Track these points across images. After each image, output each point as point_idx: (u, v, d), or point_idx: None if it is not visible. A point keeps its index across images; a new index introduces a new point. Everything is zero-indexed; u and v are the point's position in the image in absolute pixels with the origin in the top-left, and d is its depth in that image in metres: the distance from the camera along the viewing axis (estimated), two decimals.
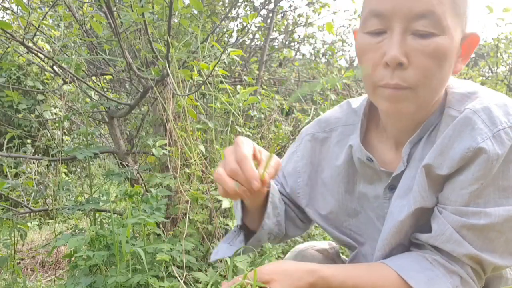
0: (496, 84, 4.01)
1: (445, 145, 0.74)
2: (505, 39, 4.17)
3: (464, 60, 0.77)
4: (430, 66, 0.71)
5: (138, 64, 2.28)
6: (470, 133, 0.72)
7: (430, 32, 0.69)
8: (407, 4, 0.69)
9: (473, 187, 0.72)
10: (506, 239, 0.73)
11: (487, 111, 0.73)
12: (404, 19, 0.69)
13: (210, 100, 2.36)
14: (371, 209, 0.90)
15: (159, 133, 2.39)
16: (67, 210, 2.10)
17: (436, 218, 0.77)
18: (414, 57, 0.70)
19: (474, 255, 0.73)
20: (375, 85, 0.75)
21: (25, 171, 3.22)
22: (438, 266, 0.75)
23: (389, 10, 0.70)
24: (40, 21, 2.13)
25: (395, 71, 0.71)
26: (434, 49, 0.70)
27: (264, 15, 3.19)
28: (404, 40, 0.70)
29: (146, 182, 2.31)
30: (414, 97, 0.73)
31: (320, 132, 0.97)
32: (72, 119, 3.27)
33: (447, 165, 0.74)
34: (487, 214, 0.72)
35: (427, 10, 0.68)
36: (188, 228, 2.01)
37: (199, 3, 1.79)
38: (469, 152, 0.71)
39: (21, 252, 3.04)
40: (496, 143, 0.70)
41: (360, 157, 0.87)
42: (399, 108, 0.75)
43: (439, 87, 0.75)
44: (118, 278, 1.75)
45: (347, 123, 0.93)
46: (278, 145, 2.67)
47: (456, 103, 0.78)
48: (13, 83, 3.86)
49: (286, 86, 3.48)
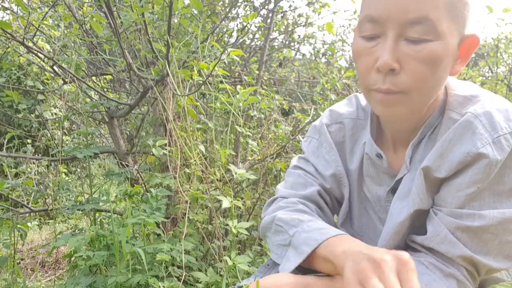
0: (496, 84, 4.01)
1: (445, 148, 0.75)
2: (505, 39, 4.17)
3: (463, 62, 0.77)
4: (423, 71, 0.71)
5: (138, 64, 2.28)
6: (470, 138, 0.72)
7: (423, 39, 0.69)
8: (401, 11, 0.69)
9: (470, 190, 0.73)
10: (500, 241, 0.73)
11: (488, 115, 0.73)
12: (398, 25, 0.70)
13: (210, 100, 2.36)
14: (374, 211, 0.91)
15: (159, 133, 2.39)
16: (67, 210, 2.10)
17: (431, 219, 0.77)
18: (406, 62, 0.71)
19: (468, 256, 0.73)
20: (369, 88, 0.76)
21: (25, 171, 3.22)
22: (435, 269, 0.75)
23: (383, 16, 0.70)
24: (40, 21, 2.13)
25: (387, 76, 0.72)
26: (427, 55, 0.70)
27: (264, 15, 3.19)
28: (397, 45, 0.71)
29: (146, 182, 2.31)
30: (406, 101, 0.73)
31: (333, 122, 0.97)
32: (72, 119, 3.27)
33: (446, 168, 0.75)
34: (482, 216, 0.72)
35: (421, 17, 0.68)
36: (188, 228, 2.01)
37: (199, 3, 1.79)
38: (468, 157, 0.72)
39: (21, 252, 3.04)
40: (496, 149, 0.71)
41: (369, 152, 0.87)
42: (391, 112, 0.75)
43: (432, 91, 0.75)
44: (118, 278, 1.75)
45: (359, 116, 0.94)
46: (278, 145, 2.67)
47: (458, 105, 0.78)
48: (13, 83, 3.87)
49: (286, 86, 3.48)
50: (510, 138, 0.71)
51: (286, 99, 3.15)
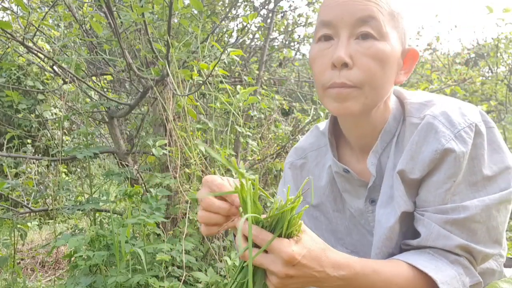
0: (496, 84, 4.01)
1: (414, 150, 0.82)
2: (505, 39, 4.17)
3: (406, 74, 0.86)
4: (373, 67, 0.78)
5: (138, 64, 2.28)
6: (434, 137, 0.80)
7: (370, 34, 0.78)
8: (351, 12, 0.78)
9: (447, 185, 0.79)
10: (487, 228, 0.79)
11: (445, 115, 0.81)
12: (349, 25, 0.78)
13: (210, 100, 2.36)
14: (361, 225, 0.94)
15: (159, 133, 2.39)
16: (67, 210, 2.10)
17: (420, 221, 0.82)
18: (358, 58, 0.78)
19: (464, 245, 0.78)
20: (324, 87, 0.82)
21: (25, 171, 3.23)
22: (440, 257, 0.79)
23: (335, 19, 0.79)
24: (40, 21, 2.13)
25: (341, 72, 0.79)
26: (375, 52, 0.78)
27: (264, 15, 3.19)
28: (349, 44, 0.79)
29: (146, 182, 2.31)
30: (359, 95, 0.80)
31: (297, 159, 1.04)
32: (72, 119, 3.27)
33: (419, 168, 0.81)
34: (465, 207, 0.78)
35: (368, 16, 0.77)
36: (188, 228, 2.01)
37: (199, 3, 1.79)
38: (437, 154, 0.79)
39: (21, 252, 3.04)
40: (460, 142, 0.78)
41: (337, 170, 0.93)
42: (346, 107, 0.81)
43: (382, 88, 0.81)
44: (118, 278, 1.75)
45: (320, 145, 1.02)
46: (278, 145, 2.67)
47: (415, 111, 0.86)
48: (13, 83, 3.87)
49: (286, 86, 3.48)
50: (469, 131, 0.79)
51: (286, 99, 3.16)
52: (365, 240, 0.94)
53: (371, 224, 0.92)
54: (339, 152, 0.97)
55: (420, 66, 4.47)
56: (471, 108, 0.83)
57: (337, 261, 0.69)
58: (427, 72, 4.23)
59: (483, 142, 0.80)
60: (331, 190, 0.97)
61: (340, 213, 0.97)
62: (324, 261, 0.68)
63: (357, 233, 0.95)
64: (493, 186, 0.80)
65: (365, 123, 0.87)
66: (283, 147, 2.56)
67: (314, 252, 0.66)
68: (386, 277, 0.74)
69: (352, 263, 0.71)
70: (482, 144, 0.79)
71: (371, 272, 0.72)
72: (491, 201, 0.78)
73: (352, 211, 0.94)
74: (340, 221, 0.97)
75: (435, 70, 4.58)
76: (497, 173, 0.80)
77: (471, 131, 0.79)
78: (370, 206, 0.91)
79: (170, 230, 2.19)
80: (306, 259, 0.65)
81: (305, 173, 1.03)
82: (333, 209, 0.97)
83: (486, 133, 0.80)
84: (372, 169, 0.87)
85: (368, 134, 0.89)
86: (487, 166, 0.80)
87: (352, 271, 0.70)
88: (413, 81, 4.05)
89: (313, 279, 0.68)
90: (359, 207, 0.93)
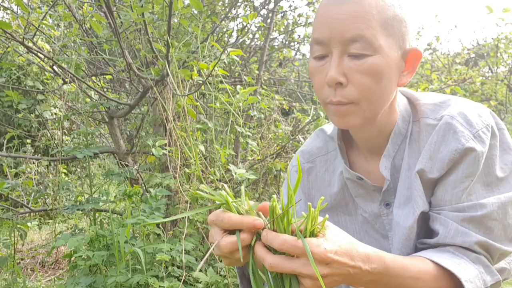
0: (496, 84, 4.01)
1: (433, 150, 0.83)
2: (505, 39, 4.17)
3: (410, 74, 0.85)
4: (367, 83, 0.79)
5: (138, 64, 2.28)
6: (453, 136, 0.81)
7: (362, 54, 0.78)
8: (340, 31, 0.78)
9: (464, 184, 0.80)
10: (503, 226, 0.80)
11: (463, 115, 0.82)
12: (340, 44, 0.79)
13: (210, 100, 2.36)
14: (375, 230, 0.94)
15: (159, 133, 2.39)
16: (67, 210, 2.10)
17: (437, 220, 0.82)
18: (352, 76, 0.79)
19: (483, 241, 0.79)
20: (324, 102, 0.84)
21: (25, 171, 3.23)
22: (462, 255, 0.79)
23: (326, 37, 0.80)
24: (40, 21, 2.13)
25: (336, 90, 0.80)
26: (368, 68, 0.78)
27: (264, 15, 3.19)
28: (342, 61, 0.79)
29: (146, 182, 2.31)
30: (357, 110, 0.81)
31: (304, 163, 1.03)
32: (72, 119, 3.27)
33: (437, 168, 0.82)
34: (482, 205, 0.79)
35: (358, 35, 0.77)
36: (188, 228, 2.01)
37: (199, 3, 1.79)
38: (457, 154, 0.80)
39: (21, 252, 3.04)
40: (479, 142, 0.79)
41: (350, 177, 0.93)
42: (346, 122, 0.83)
43: (380, 99, 0.82)
44: (118, 278, 1.75)
45: (328, 150, 1.01)
46: (278, 145, 2.67)
47: (431, 113, 0.87)
48: (13, 83, 3.87)
49: (286, 86, 3.48)
50: (486, 131, 0.80)
51: (286, 99, 3.16)
52: (377, 245, 0.92)
53: (386, 227, 0.92)
54: (349, 158, 0.97)
55: (420, 66, 4.48)
56: (485, 109, 0.85)
57: (368, 253, 0.68)
58: (427, 72, 4.24)
59: (496, 143, 0.82)
60: (343, 195, 0.97)
61: (351, 216, 0.96)
62: (355, 255, 0.66)
63: (368, 239, 0.94)
64: (505, 186, 0.81)
65: (371, 128, 0.88)
66: (283, 147, 2.56)
67: (344, 246, 0.65)
68: (414, 274, 0.73)
69: (382, 255, 0.70)
70: (495, 145, 0.81)
71: (400, 267, 0.72)
72: (507, 199, 0.80)
73: (366, 215, 0.94)
74: (350, 225, 0.96)
75: (435, 70, 4.59)
76: (509, 173, 0.82)
77: (488, 131, 0.80)
78: (385, 210, 0.91)
79: (170, 230, 2.19)
80: (339, 255, 0.63)
81: (312, 177, 1.02)
82: (344, 213, 0.97)
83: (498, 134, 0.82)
84: (386, 173, 0.88)
85: (375, 136, 0.90)
86: (499, 167, 0.81)
87: (383, 264, 0.69)
88: (413, 81, 4.05)
89: (347, 276, 0.66)
90: (373, 211, 0.92)
